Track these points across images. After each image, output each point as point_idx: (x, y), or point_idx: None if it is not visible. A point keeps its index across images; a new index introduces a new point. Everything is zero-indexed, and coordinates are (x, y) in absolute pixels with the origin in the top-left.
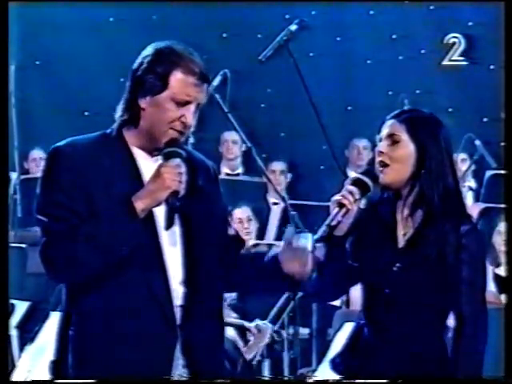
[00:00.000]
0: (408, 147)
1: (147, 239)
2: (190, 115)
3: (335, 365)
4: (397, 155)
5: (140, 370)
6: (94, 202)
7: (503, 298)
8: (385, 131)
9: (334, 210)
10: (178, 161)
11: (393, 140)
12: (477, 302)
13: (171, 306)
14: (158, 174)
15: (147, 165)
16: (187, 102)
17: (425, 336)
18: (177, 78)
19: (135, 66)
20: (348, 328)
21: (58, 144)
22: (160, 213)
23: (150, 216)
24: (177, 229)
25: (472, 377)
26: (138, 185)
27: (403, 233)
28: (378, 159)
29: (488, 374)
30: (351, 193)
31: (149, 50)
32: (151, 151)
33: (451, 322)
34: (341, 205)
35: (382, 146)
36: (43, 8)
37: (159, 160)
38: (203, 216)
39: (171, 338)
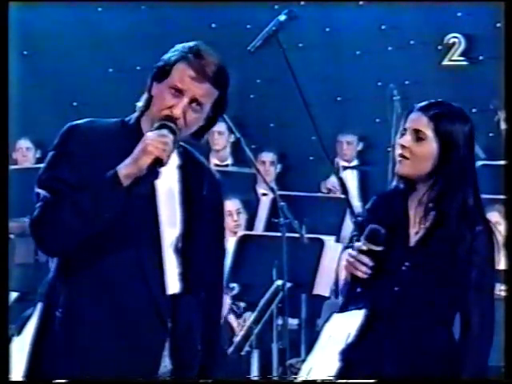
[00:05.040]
0: (432, 145)
1: (147, 216)
2: (179, 107)
3: (343, 358)
4: (419, 152)
5: (128, 362)
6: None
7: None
8: (410, 124)
9: (347, 281)
10: (164, 131)
11: (417, 136)
12: (484, 303)
13: (164, 295)
14: (141, 142)
15: None
16: (179, 92)
17: (433, 334)
18: (179, 67)
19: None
20: (349, 323)
21: (76, 121)
22: (161, 190)
23: (151, 194)
24: (177, 207)
25: (477, 375)
26: None
27: (415, 231)
28: (398, 151)
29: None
30: (364, 264)
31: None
32: None
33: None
34: (355, 276)
35: (406, 139)
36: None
37: None
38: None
39: (161, 331)
